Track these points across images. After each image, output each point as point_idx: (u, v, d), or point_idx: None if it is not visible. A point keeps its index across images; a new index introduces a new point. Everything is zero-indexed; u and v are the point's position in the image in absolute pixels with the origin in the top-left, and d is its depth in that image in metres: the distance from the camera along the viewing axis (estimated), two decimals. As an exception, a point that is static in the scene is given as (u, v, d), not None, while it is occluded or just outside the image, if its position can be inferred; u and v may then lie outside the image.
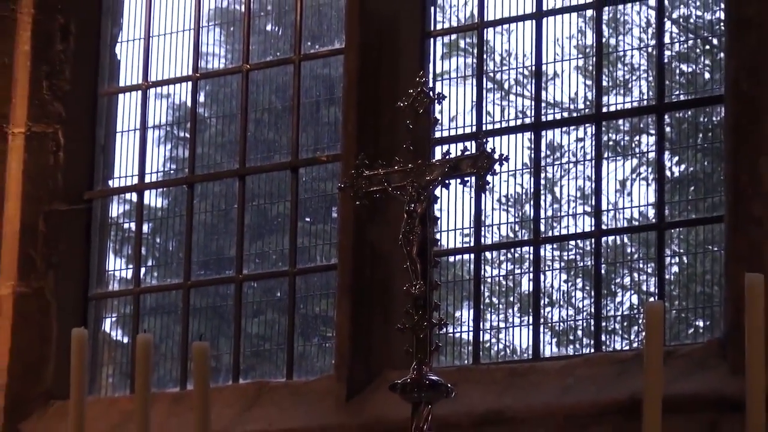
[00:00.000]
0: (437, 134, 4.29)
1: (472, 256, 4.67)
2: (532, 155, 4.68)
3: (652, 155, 4.59)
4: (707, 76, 4.65)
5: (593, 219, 4.61)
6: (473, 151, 3.89)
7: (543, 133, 4.69)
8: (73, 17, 5.11)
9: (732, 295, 4.05)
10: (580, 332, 4.70)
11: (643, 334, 3.93)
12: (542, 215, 4.68)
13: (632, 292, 4.79)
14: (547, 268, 4.70)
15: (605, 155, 4.65)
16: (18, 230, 5.01)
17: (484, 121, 4.74)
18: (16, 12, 5.02)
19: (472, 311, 4.68)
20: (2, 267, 4.98)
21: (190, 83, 5.15)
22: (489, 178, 3.87)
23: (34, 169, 5.08)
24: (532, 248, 4.68)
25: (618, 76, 4.73)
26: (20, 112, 5.00)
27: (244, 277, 4.93)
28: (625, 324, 4.65)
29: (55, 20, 5.13)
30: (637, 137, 4.77)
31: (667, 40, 4.62)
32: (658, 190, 4.50)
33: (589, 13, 4.66)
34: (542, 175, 4.71)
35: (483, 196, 4.57)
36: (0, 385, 5.00)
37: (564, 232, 4.75)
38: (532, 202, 4.69)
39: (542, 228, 4.68)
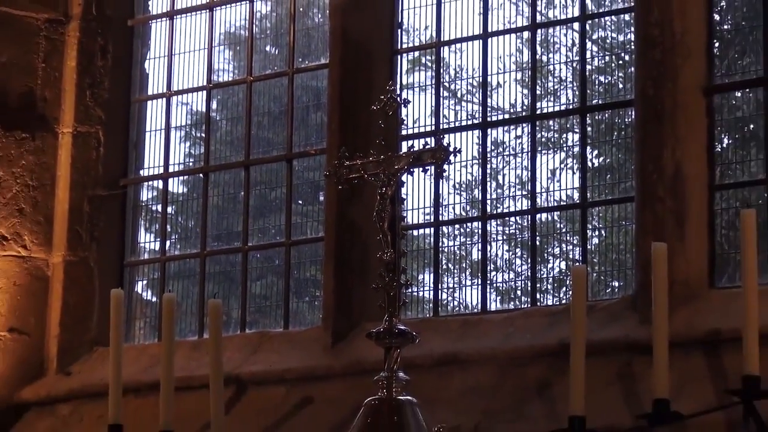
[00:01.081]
0: (403, 132, 4.25)
1: (432, 230, 4.65)
2: (480, 149, 4.67)
3: (576, 149, 4.58)
4: (620, 85, 4.63)
5: (529, 200, 4.59)
6: (432, 145, 3.93)
7: (488, 131, 4.69)
8: (110, 39, 5.07)
9: (641, 260, 4.03)
10: (519, 291, 4.69)
11: (570, 292, 3.87)
12: (488, 197, 4.66)
13: (561, 259, 4.78)
14: (492, 240, 4.68)
15: (538, 149, 4.63)
16: (67, 210, 4.98)
17: (440, 122, 4.72)
18: (65, 35, 4.98)
19: (432, 275, 4.67)
20: (54, 240, 4.96)
21: (204, 92, 5.14)
22: (445, 167, 3.88)
23: (80, 161, 5.04)
24: (480, 224, 4.67)
25: (549, 85, 4.72)
26: (68, 116, 4.96)
27: (248, 248, 4.92)
28: (556, 285, 4.65)
29: (96, 42, 5.08)
30: (564, 135, 4.75)
31: (588, 56, 4.58)
32: (582, 176, 4.49)
33: (526, 35, 4.65)
34: (488, 166, 4.69)
35: (440, 181, 4.54)
36: (54, 335, 4.96)
37: (506, 210, 4.72)
38: (480, 187, 4.67)
39: (488, 208, 4.65)
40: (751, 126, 4.32)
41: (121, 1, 5.19)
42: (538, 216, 4.59)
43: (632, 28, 4.37)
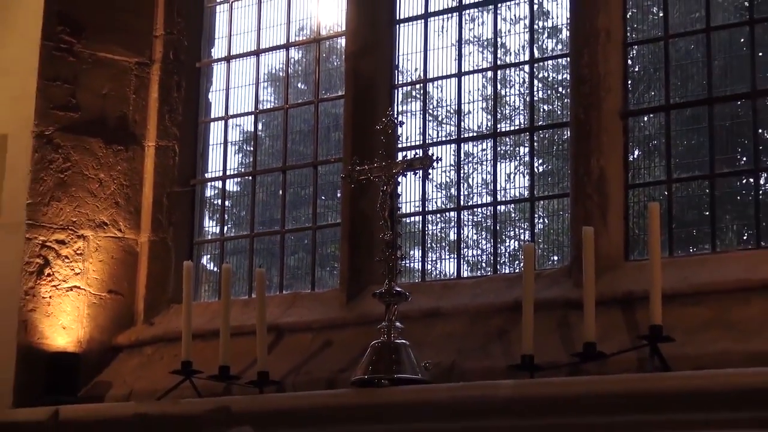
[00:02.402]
0: (399, 145, 4.26)
1: (420, 218, 4.64)
2: (455, 159, 4.64)
3: (526, 158, 4.54)
4: (559, 111, 4.64)
5: (491, 196, 4.56)
6: (420, 155, 3.92)
7: (461, 145, 4.68)
8: (183, 77, 5.06)
9: (574, 241, 4.01)
10: (484, 263, 4.73)
11: (522, 264, 3.87)
12: (461, 194, 4.66)
13: (515, 240, 4.77)
14: (464, 226, 4.68)
15: (498, 159, 4.60)
16: (151, 203, 4.96)
17: (426, 138, 4.68)
18: (150, 74, 4.99)
19: (419, 251, 4.65)
20: (142, 225, 4.97)
21: (252, 116, 5.14)
22: (429, 171, 3.90)
23: (160, 166, 5.01)
24: (455, 213, 4.64)
25: (506, 112, 4.72)
26: (152, 134, 4.96)
27: (285, 231, 4.90)
28: (511, 258, 4.64)
29: (173, 79, 5.07)
30: (518, 148, 4.75)
31: (535, 90, 4.57)
32: (530, 179, 4.47)
33: (489, 74, 4.63)
34: (461, 171, 4.67)
35: (426, 182, 4.53)
36: (141, 295, 4.97)
37: (474, 203, 4.75)
38: (455, 186, 4.68)
39: (461, 201, 4.64)
40: (655, 141, 4.31)
41: (191, 48, 5.16)
42: (498, 208, 4.56)
43: (568, 70, 4.33)
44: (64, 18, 4.99)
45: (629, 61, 4.25)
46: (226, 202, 5.21)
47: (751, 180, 4.07)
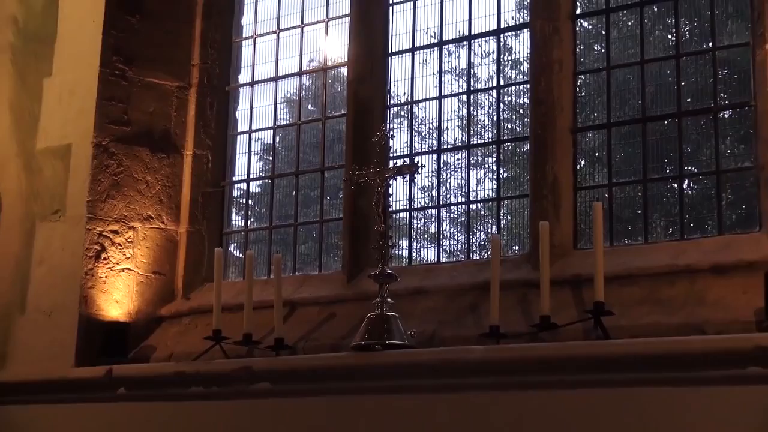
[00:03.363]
0: (391, 154, 4.24)
1: (407, 213, 4.62)
2: (436, 166, 4.62)
3: (494, 166, 4.53)
4: (518, 128, 4.62)
5: (466, 197, 4.56)
6: (407, 162, 3.91)
7: (441, 155, 4.67)
8: (215, 99, 5.08)
9: (533, 232, 3.99)
10: (459, 251, 4.65)
11: (490, 252, 3.86)
12: (441, 195, 4.64)
13: (484, 232, 4.76)
14: (443, 221, 4.64)
15: (472, 167, 4.60)
16: (188, 201, 4.97)
17: (412, 149, 4.68)
18: (188, 96, 5.02)
19: (407, 241, 4.63)
20: (181, 219, 4.98)
21: (272, 131, 5.15)
22: (415, 176, 3.90)
23: (196, 171, 5.01)
24: (436, 211, 4.62)
25: (477, 129, 4.72)
26: (190, 144, 4.96)
27: (297, 224, 4.89)
28: (481, 247, 4.64)
29: (206, 100, 5.09)
30: (487, 158, 4.75)
31: (501, 110, 4.57)
32: (497, 182, 4.46)
33: (464, 98, 4.64)
34: (440, 176, 4.66)
35: (412, 184, 4.53)
36: (180, 275, 4.95)
37: (451, 202, 4.72)
38: (436, 188, 4.65)
39: (440, 201, 4.62)
40: (597, 153, 4.30)
41: (221, 75, 5.16)
42: (471, 206, 4.56)
43: (528, 94, 4.33)
44: (119, 50, 4.98)
45: (578, 88, 4.25)
46: (249, 201, 5.19)
47: (676, 185, 4.07)
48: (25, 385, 4.71)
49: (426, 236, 4.73)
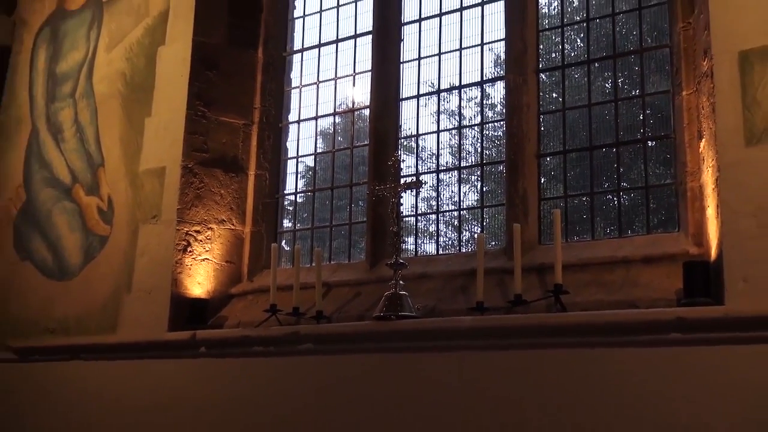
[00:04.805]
0: (402, 173, 4.19)
1: (414, 218, 4.59)
2: (435, 183, 4.57)
3: (478, 183, 4.52)
4: (496, 155, 4.62)
5: (457, 206, 4.54)
6: (414, 180, 3.86)
7: (439, 175, 4.60)
8: (271, 133, 5.07)
9: (508, 232, 3.98)
10: (451, 246, 4.62)
11: (476, 246, 3.84)
12: (439, 204, 4.58)
13: (470, 232, 4.75)
14: (440, 223, 4.62)
15: (461, 183, 4.57)
16: (252, 209, 4.98)
17: (418, 170, 4.63)
18: (251, 130, 5.01)
19: (414, 238, 4.58)
20: (246, 222, 4.95)
21: (313, 157, 5.12)
22: (419, 190, 3.87)
23: (257, 186, 5.04)
24: (435, 216, 4.57)
25: (465, 154, 4.77)
26: (252, 167, 4.97)
27: (333, 226, 4.87)
28: (470, 243, 4.59)
29: (265, 134, 5.10)
30: (472, 176, 4.77)
31: (484, 142, 4.57)
32: (480, 195, 4.44)
33: (455, 132, 4.60)
34: (438, 190, 4.60)
35: (418, 196, 4.51)
36: (245, 263, 4.91)
37: (445, 209, 4.62)
38: (435, 200, 4.60)
39: (438, 208, 4.57)
40: (554, 173, 4.28)
41: (275, 115, 5.17)
42: (461, 212, 4.51)
43: (504, 129, 4.31)
44: (200, 96, 4.98)
45: (541, 124, 4.21)
46: (296, 208, 5.17)
47: (614, 197, 4.05)
48: (131, 345, 4.73)
49: (427, 234, 4.72)
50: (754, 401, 2.96)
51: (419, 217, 4.64)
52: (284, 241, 5.05)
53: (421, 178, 4.17)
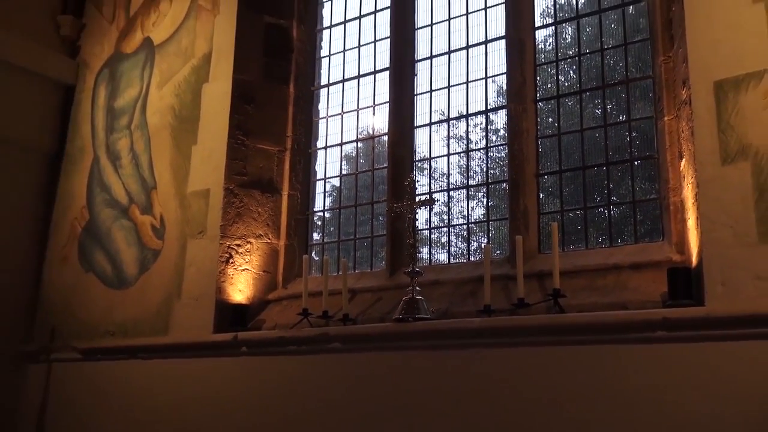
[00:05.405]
0: (417, 192, 4.21)
1: (428, 231, 4.58)
2: (446, 200, 4.54)
3: (485, 200, 4.50)
4: (499, 174, 4.56)
5: (466, 219, 4.50)
6: (427, 198, 3.84)
7: (450, 193, 4.56)
8: (302, 158, 5.06)
9: (511, 243, 3.96)
10: (461, 256, 4.54)
11: (483, 256, 3.82)
12: (450, 219, 4.56)
13: (478, 243, 4.69)
14: (451, 236, 4.57)
15: (470, 200, 4.53)
16: (285, 225, 4.96)
17: (431, 189, 4.61)
18: (284, 155, 4.99)
19: (427, 248, 4.58)
20: (281, 236, 4.94)
21: (338, 179, 5.10)
22: (432, 206, 3.85)
23: (290, 205, 5.04)
24: (447, 229, 4.54)
25: (472, 174, 4.62)
26: (286, 187, 4.98)
27: (357, 239, 4.85)
28: (478, 253, 4.54)
29: (297, 158, 5.11)
30: (479, 194, 4.67)
31: (489, 164, 4.52)
32: (486, 210, 4.42)
33: (463, 154, 4.56)
34: (449, 206, 4.57)
35: (431, 212, 4.51)
36: (280, 272, 4.91)
37: (455, 224, 4.59)
38: (447, 215, 4.56)
39: (450, 222, 4.54)
40: (551, 189, 4.27)
41: (305, 142, 5.19)
42: (470, 226, 4.50)
43: (506, 151, 4.30)
44: (240, 127, 5.00)
45: (539, 147, 4.22)
46: (324, 224, 5.17)
47: (605, 210, 4.03)
48: (181, 345, 4.74)
49: (439, 245, 4.72)
50: (733, 392, 2.95)
51: (432, 230, 4.65)
52: (314, 252, 5.08)
53: (433, 196, 4.18)
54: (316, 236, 5.14)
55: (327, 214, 5.18)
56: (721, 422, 2.93)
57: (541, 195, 4.16)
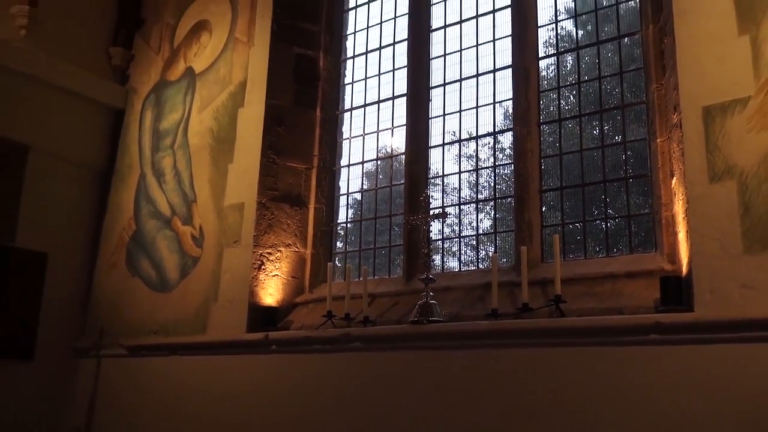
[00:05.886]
0: (431, 206, 4.21)
1: (440, 241, 4.56)
2: (456, 213, 4.54)
3: (492, 212, 4.48)
4: (506, 190, 4.49)
5: (475, 231, 4.50)
6: (441, 211, 3.82)
7: (461, 207, 4.56)
8: (326, 175, 5.07)
9: (517, 252, 3.96)
10: (471, 264, 4.54)
11: (491, 264, 3.81)
12: (461, 230, 4.56)
13: (486, 251, 4.66)
14: (462, 245, 4.57)
15: (477, 213, 4.52)
16: (312, 235, 4.96)
17: (444, 203, 4.60)
18: (311, 172, 4.99)
19: (441, 257, 4.57)
20: (308, 245, 4.95)
21: (360, 194, 5.11)
22: (445, 219, 3.83)
23: (316, 217, 5.07)
24: (458, 239, 4.54)
25: (481, 190, 4.58)
26: (312, 201, 4.98)
27: (376, 248, 4.83)
28: (486, 261, 4.52)
29: (322, 175, 5.13)
30: (486, 208, 4.63)
31: (496, 180, 4.47)
32: (493, 223, 4.42)
33: (473, 172, 4.51)
34: (460, 219, 4.58)
35: (443, 224, 4.51)
36: (307, 278, 4.92)
37: (465, 235, 4.59)
38: (457, 226, 4.56)
39: (460, 233, 4.53)
40: (552, 203, 4.25)
41: (330, 160, 5.21)
42: (479, 236, 4.50)
43: (512, 168, 4.30)
44: (272, 147, 5.04)
45: (542, 165, 4.22)
46: (346, 233, 5.18)
47: (602, 223, 4.02)
48: (217, 343, 4.77)
49: (451, 254, 4.71)
50: (720, 391, 2.93)
51: (445, 240, 4.65)
52: (337, 260, 5.09)
53: (446, 210, 4.19)
54: (339, 245, 5.15)
55: (349, 226, 5.20)
56: (708, 419, 2.92)
57: (544, 209, 4.18)
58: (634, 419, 3.09)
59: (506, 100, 4.44)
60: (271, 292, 4.76)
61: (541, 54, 4.38)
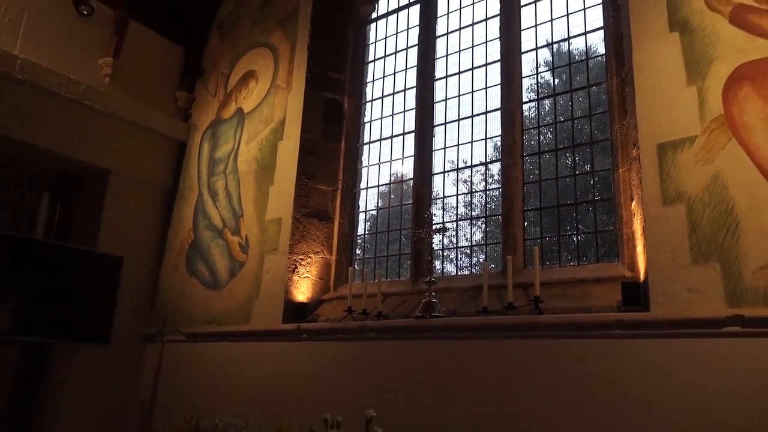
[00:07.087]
0: (434, 221, 4.20)
1: (441, 251, 4.56)
2: (454, 228, 4.51)
3: (483, 226, 4.44)
4: (493, 207, 4.48)
5: (469, 242, 4.48)
6: (441, 227, 3.78)
7: (459, 223, 4.52)
8: (348, 196, 5.07)
9: (504, 260, 3.95)
10: (466, 269, 4.50)
11: (482, 270, 3.78)
12: (459, 242, 4.53)
13: (479, 259, 4.66)
14: (459, 254, 4.54)
15: (471, 227, 4.50)
16: (336, 244, 4.95)
17: (444, 220, 4.58)
18: (336, 194, 4.98)
19: (441, 263, 4.57)
20: (333, 253, 4.91)
21: (376, 210, 5.08)
22: (445, 233, 3.77)
23: (340, 229, 5.01)
24: (455, 250, 4.52)
25: (474, 208, 4.61)
26: (337, 216, 4.96)
27: (388, 255, 4.80)
28: (478, 267, 4.51)
29: (346, 196, 5.11)
30: (479, 222, 4.59)
31: (487, 195, 4.48)
32: (484, 236, 4.39)
33: (468, 195, 4.50)
34: (457, 232, 4.54)
35: (443, 237, 4.50)
36: (332, 279, 4.90)
37: (462, 246, 4.57)
38: (454, 238, 4.54)
39: (457, 245, 4.51)
40: (533, 219, 4.26)
41: (352, 183, 5.21)
42: (472, 247, 4.50)
43: (500, 192, 4.28)
44: (305, 172, 5.07)
45: (525, 189, 4.22)
46: (363, 241, 5.18)
47: (575, 236, 4.00)
48: (258, 332, 4.76)
49: (450, 261, 4.72)
50: (671, 378, 2.92)
51: (444, 250, 4.66)
52: (356, 264, 5.10)
53: (445, 225, 4.21)
54: (358, 252, 5.15)
55: (366, 237, 5.21)
56: (662, 404, 2.90)
57: (526, 224, 4.17)
58: (598, 401, 3.07)
59: (496, 136, 4.47)
60: (302, 290, 4.78)
61: (524, 99, 4.40)
